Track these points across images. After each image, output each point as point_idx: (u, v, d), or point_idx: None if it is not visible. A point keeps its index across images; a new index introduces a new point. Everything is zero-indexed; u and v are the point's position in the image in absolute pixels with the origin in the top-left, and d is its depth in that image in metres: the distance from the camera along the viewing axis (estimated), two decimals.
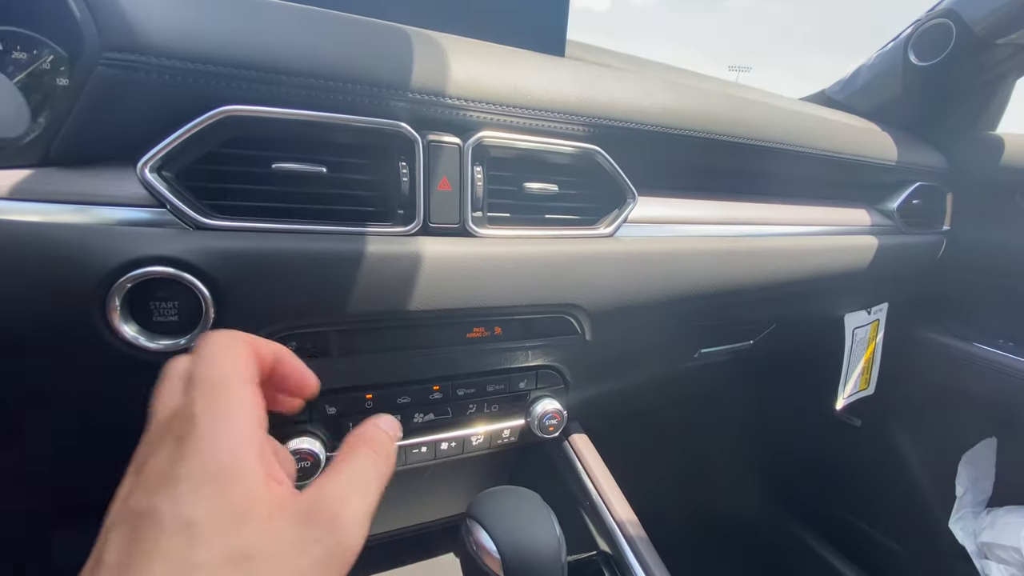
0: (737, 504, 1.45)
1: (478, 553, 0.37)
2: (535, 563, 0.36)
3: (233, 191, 0.46)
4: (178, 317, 0.43)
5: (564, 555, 0.38)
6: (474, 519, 0.38)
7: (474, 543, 0.37)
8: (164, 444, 0.25)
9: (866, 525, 1.27)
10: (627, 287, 0.62)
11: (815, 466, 1.37)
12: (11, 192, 0.42)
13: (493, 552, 0.36)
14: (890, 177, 0.97)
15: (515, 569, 0.35)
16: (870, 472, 1.24)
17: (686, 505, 1.33)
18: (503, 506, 0.38)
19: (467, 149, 0.51)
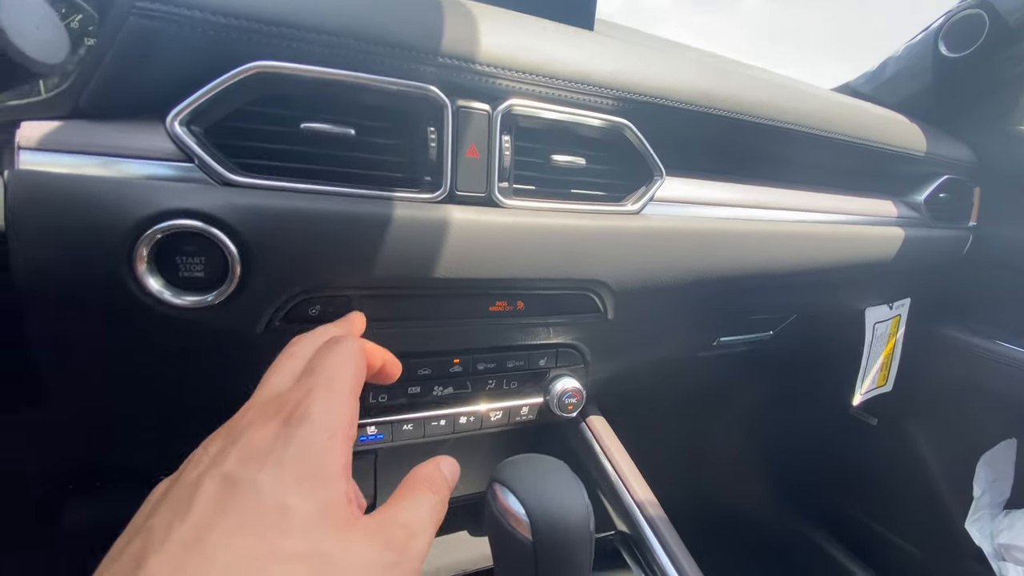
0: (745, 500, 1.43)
1: (504, 517, 0.36)
2: (563, 528, 0.35)
3: (260, 150, 0.46)
4: (204, 273, 0.42)
5: (592, 522, 0.37)
6: (501, 483, 0.37)
7: (501, 507, 0.36)
8: (270, 421, 0.27)
9: (878, 525, 1.25)
10: (652, 265, 0.60)
11: (828, 464, 1.35)
12: (40, 143, 0.42)
13: (521, 515, 0.35)
14: (918, 169, 0.95)
15: (544, 533, 0.34)
16: (884, 471, 1.23)
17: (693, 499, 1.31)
18: (530, 471, 0.38)
19: (496, 117, 0.50)
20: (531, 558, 0.35)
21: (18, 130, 0.42)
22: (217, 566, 0.20)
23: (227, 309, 0.44)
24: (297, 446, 0.25)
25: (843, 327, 1.03)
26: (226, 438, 0.27)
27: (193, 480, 0.24)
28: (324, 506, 0.24)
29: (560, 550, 0.35)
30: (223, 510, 0.22)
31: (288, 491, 0.24)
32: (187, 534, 0.21)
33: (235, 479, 0.24)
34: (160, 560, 0.21)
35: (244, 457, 0.25)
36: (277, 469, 0.24)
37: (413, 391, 0.57)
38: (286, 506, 0.23)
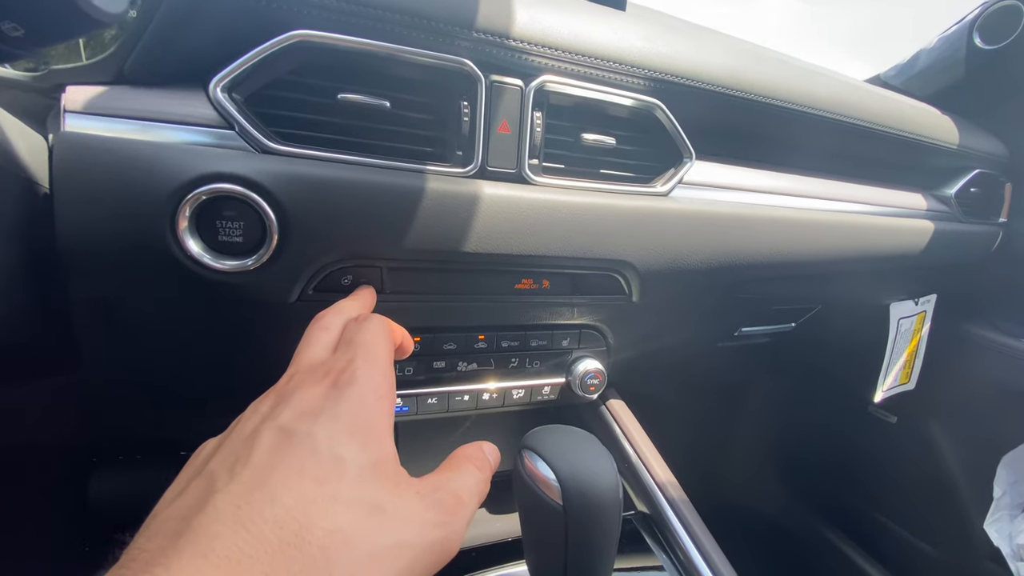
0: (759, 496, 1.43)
1: (535, 482, 0.36)
2: (594, 494, 0.35)
3: (298, 120, 0.46)
4: (242, 238, 0.43)
5: (621, 490, 0.37)
6: (531, 450, 0.37)
7: (531, 473, 0.37)
8: (317, 383, 0.28)
9: (894, 523, 1.24)
10: (680, 248, 0.60)
11: (844, 461, 1.33)
12: (85, 107, 0.43)
13: (552, 481, 0.35)
14: (949, 162, 0.94)
15: (574, 498, 0.35)
16: (902, 470, 1.21)
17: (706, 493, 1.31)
18: (559, 439, 0.38)
19: (529, 92, 0.51)
20: (561, 524, 0.35)
21: (63, 94, 0.43)
22: (280, 505, 0.22)
23: (263, 275, 0.45)
24: (348, 404, 0.27)
25: (866, 322, 1.02)
26: (276, 399, 0.28)
27: (250, 432, 0.26)
28: (376, 461, 0.25)
29: (591, 516, 0.35)
30: (282, 457, 0.24)
31: (342, 443, 0.25)
32: (250, 477, 0.23)
33: (291, 431, 0.25)
34: (226, 498, 0.22)
35: (298, 413, 0.26)
36: (331, 423, 0.25)
37: (438, 365, 0.58)
38: (341, 457, 0.24)
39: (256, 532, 0.21)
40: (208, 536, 0.20)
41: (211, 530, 0.20)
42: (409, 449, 0.66)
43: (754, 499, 1.43)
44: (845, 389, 1.22)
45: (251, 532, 0.21)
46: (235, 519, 0.21)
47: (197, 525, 0.21)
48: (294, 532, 0.21)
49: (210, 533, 0.20)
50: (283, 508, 0.22)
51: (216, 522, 0.21)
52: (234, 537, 0.20)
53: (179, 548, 0.20)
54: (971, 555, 1.08)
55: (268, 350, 0.53)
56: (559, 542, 0.36)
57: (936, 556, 1.15)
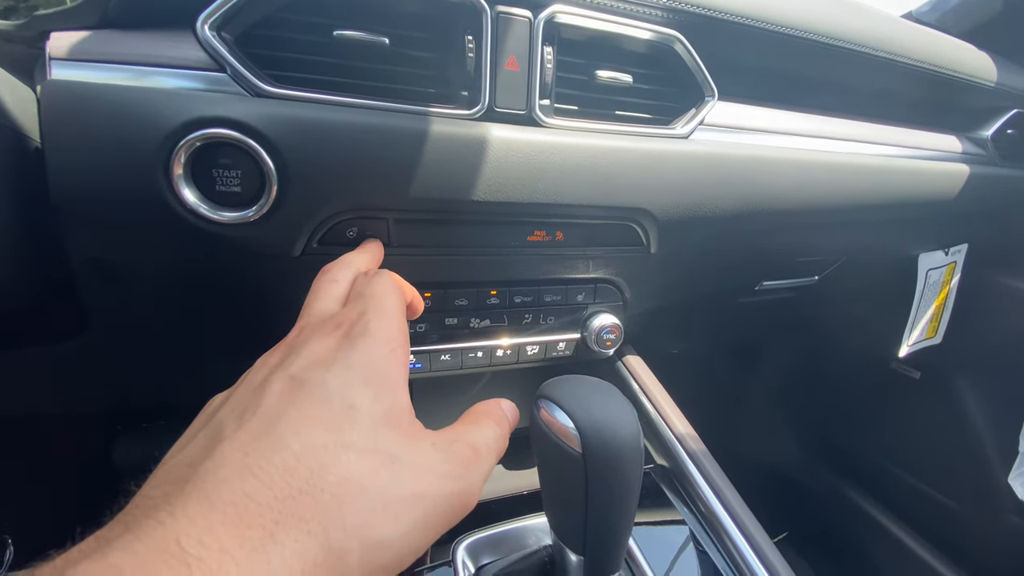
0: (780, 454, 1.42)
1: (552, 431, 0.35)
2: (613, 441, 0.34)
3: (293, 61, 0.44)
4: (240, 188, 0.41)
5: (642, 439, 0.36)
6: (547, 399, 0.36)
7: (548, 422, 0.35)
8: (329, 335, 0.27)
9: (915, 479, 1.22)
10: (700, 194, 0.57)
11: (864, 418, 1.32)
12: (70, 53, 0.40)
13: (571, 429, 0.34)
14: (986, 101, 0.88)
15: (593, 446, 0.33)
16: (925, 425, 1.19)
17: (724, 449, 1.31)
18: (576, 387, 0.36)
19: (538, 24, 0.47)
20: (581, 473, 0.34)
21: (48, 41, 0.41)
22: (290, 451, 0.21)
23: (265, 228, 0.43)
24: (361, 354, 0.26)
25: (892, 274, 0.98)
26: (286, 350, 0.27)
27: (259, 382, 0.25)
28: (390, 409, 0.24)
29: (611, 464, 0.34)
30: (292, 403, 0.23)
31: (355, 392, 0.24)
32: (258, 424, 0.22)
33: (303, 379, 0.24)
34: (233, 445, 0.21)
35: (309, 362, 0.25)
36: (344, 371, 0.25)
37: (450, 322, 0.56)
38: (354, 404, 0.23)
39: (264, 478, 0.20)
40: (215, 482, 0.19)
41: (218, 476, 0.20)
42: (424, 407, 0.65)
43: (773, 455, 1.42)
44: (867, 344, 1.19)
45: (259, 478, 0.20)
46: (243, 465, 0.20)
47: (204, 471, 0.20)
48: (304, 479, 0.20)
49: (217, 479, 0.20)
50: (292, 454, 0.21)
51: (223, 468, 0.20)
52: (241, 483, 0.19)
53: (184, 494, 0.19)
54: (995, 509, 1.07)
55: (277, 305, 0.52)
56: (579, 492, 0.35)
57: (958, 510, 1.14)
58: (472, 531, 0.53)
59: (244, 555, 0.18)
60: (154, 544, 0.17)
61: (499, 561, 0.50)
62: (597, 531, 0.37)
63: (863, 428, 1.33)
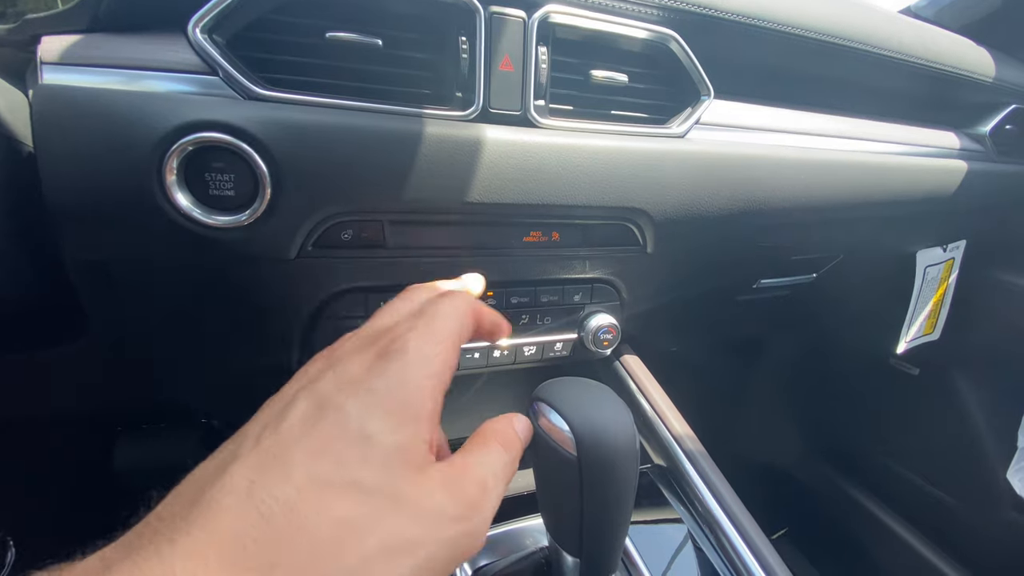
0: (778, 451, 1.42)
1: (547, 434, 0.35)
2: (609, 444, 0.34)
3: (285, 64, 0.43)
4: (234, 192, 0.41)
5: (638, 440, 0.36)
6: (542, 401, 0.36)
7: (543, 424, 0.35)
8: (366, 352, 0.26)
9: (915, 475, 1.23)
10: (696, 193, 0.57)
11: (863, 415, 1.32)
12: (61, 57, 0.40)
13: (565, 431, 0.34)
14: (984, 97, 0.87)
15: (589, 449, 0.33)
16: (924, 421, 1.19)
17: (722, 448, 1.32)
18: (571, 389, 0.36)
19: (532, 24, 0.47)
20: (576, 475, 0.34)
21: (39, 46, 0.40)
22: (293, 485, 0.21)
23: (260, 231, 0.43)
24: (389, 379, 0.25)
25: (890, 271, 0.98)
26: (326, 361, 0.27)
27: (290, 395, 0.25)
28: (405, 443, 0.24)
29: (606, 466, 0.34)
30: (311, 429, 0.23)
31: (373, 420, 0.23)
32: (273, 446, 0.22)
33: (326, 401, 0.24)
34: (243, 466, 0.21)
35: (339, 381, 0.25)
36: (367, 397, 0.24)
37: None
38: (368, 436, 0.23)
39: (266, 512, 0.20)
40: (218, 509, 0.20)
41: (222, 504, 0.20)
42: None
43: (772, 453, 1.42)
44: (866, 341, 1.19)
45: (260, 512, 0.20)
46: (247, 495, 0.20)
47: (209, 497, 0.20)
48: (304, 516, 0.20)
49: (220, 507, 0.20)
50: (295, 489, 0.21)
51: (228, 495, 0.20)
52: (241, 515, 0.20)
53: (188, 521, 0.19)
54: (994, 505, 1.07)
55: (274, 307, 0.52)
56: (574, 496, 0.35)
57: (957, 506, 1.14)
58: None
59: None
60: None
61: (496, 563, 0.51)
62: (593, 534, 0.37)
63: (862, 424, 1.33)
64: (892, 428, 1.27)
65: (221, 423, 0.86)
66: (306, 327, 0.53)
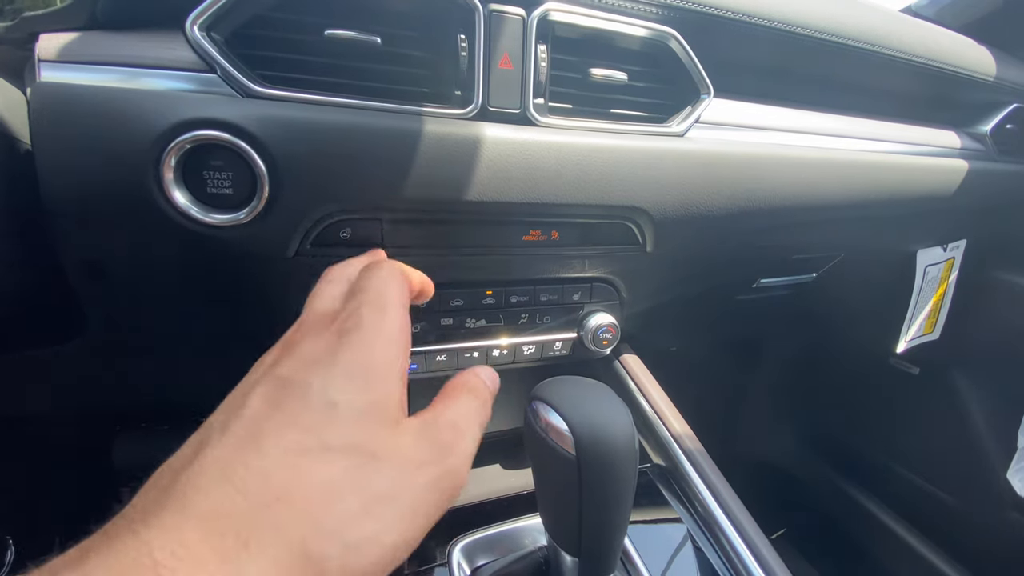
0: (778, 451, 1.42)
1: (547, 433, 0.35)
2: (608, 443, 0.33)
3: (284, 62, 0.43)
4: (232, 190, 0.41)
5: (637, 440, 0.35)
6: (541, 400, 0.36)
7: (542, 423, 0.35)
8: (322, 335, 0.27)
9: (914, 475, 1.22)
10: (696, 192, 0.57)
11: (863, 415, 1.32)
12: (59, 55, 0.40)
13: (564, 430, 0.34)
14: (985, 96, 0.87)
15: (587, 447, 0.33)
16: (924, 421, 1.19)
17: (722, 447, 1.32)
18: (570, 388, 0.36)
19: (531, 22, 0.47)
20: (575, 474, 0.34)
21: (37, 43, 0.40)
22: (268, 458, 0.21)
23: (258, 229, 0.43)
24: (349, 350, 0.25)
25: (890, 270, 0.98)
26: (281, 350, 0.28)
27: (250, 383, 0.25)
28: (372, 403, 0.24)
29: (605, 465, 0.34)
30: (276, 407, 0.23)
31: (337, 388, 0.24)
32: (242, 429, 0.22)
33: (289, 380, 0.24)
34: (215, 454, 0.21)
35: (298, 363, 0.25)
36: (328, 369, 0.24)
37: (446, 322, 0.56)
38: (334, 402, 0.23)
39: (240, 486, 0.20)
40: (193, 489, 0.20)
41: (196, 484, 0.20)
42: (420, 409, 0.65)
43: (772, 452, 1.42)
44: (865, 341, 1.19)
45: (235, 486, 0.20)
46: (221, 474, 0.20)
47: (183, 480, 0.20)
48: (280, 486, 0.20)
49: (194, 487, 0.20)
50: (271, 461, 0.21)
51: (201, 476, 0.20)
52: (218, 491, 0.20)
53: (161, 503, 0.19)
54: (994, 505, 1.07)
55: (271, 307, 0.52)
56: (573, 495, 0.35)
57: (957, 506, 1.14)
58: (468, 532, 0.53)
59: (217, 566, 0.18)
60: (128, 555, 0.17)
61: (495, 562, 0.50)
62: (592, 533, 0.37)
63: (862, 424, 1.33)
64: (892, 428, 1.27)
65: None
66: None
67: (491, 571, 0.49)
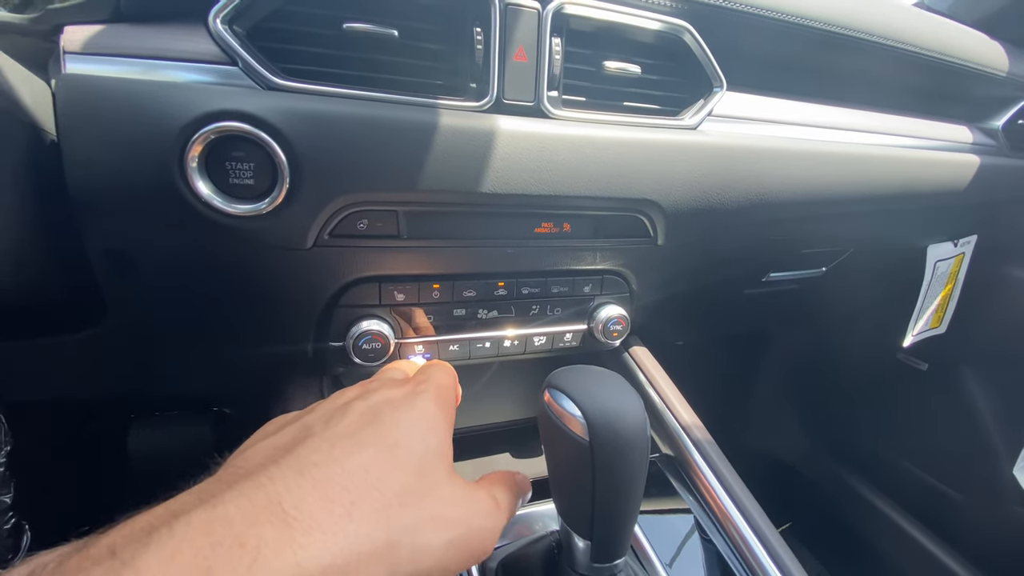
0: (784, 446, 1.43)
1: (560, 419, 0.35)
2: (620, 429, 0.34)
3: (303, 55, 0.44)
4: (254, 181, 0.42)
5: (648, 426, 0.36)
6: (555, 388, 0.36)
7: (555, 410, 0.36)
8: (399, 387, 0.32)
9: (920, 470, 1.23)
10: (708, 185, 0.57)
11: (870, 410, 1.32)
12: (84, 47, 0.41)
13: (578, 417, 0.34)
14: (997, 91, 0.87)
15: (600, 434, 0.34)
16: (930, 416, 1.19)
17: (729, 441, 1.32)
18: (584, 377, 0.37)
19: (546, 15, 0.47)
20: (588, 459, 0.35)
21: (62, 35, 0.41)
22: (367, 455, 0.26)
23: (278, 220, 0.44)
24: (422, 402, 0.31)
25: (899, 265, 0.98)
26: (361, 390, 0.33)
27: (342, 403, 0.30)
28: (440, 448, 0.29)
29: (617, 450, 0.34)
30: (369, 424, 0.28)
31: (416, 429, 0.29)
32: (343, 429, 0.27)
33: (377, 411, 0.29)
34: (322, 439, 0.26)
35: (383, 400, 0.30)
36: (409, 411, 0.30)
37: (458, 313, 0.57)
38: (413, 438, 0.28)
39: (348, 467, 0.24)
40: (307, 463, 0.24)
41: (310, 459, 0.24)
42: None
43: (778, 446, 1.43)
44: (874, 336, 1.19)
45: (343, 466, 0.24)
46: (330, 455, 0.25)
47: (297, 453, 0.25)
48: (376, 477, 0.25)
49: (309, 461, 0.24)
50: (368, 456, 0.26)
51: (314, 453, 0.25)
52: (329, 467, 0.24)
53: (281, 466, 0.24)
54: (1000, 501, 1.07)
55: (290, 297, 0.53)
56: (586, 479, 0.36)
57: (963, 502, 1.14)
58: None
59: (329, 523, 0.22)
60: (259, 502, 0.21)
61: (507, 546, 0.51)
62: (604, 517, 0.37)
63: (868, 419, 1.33)
64: (899, 423, 1.27)
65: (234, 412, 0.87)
66: (321, 315, 0.53)
67: (504, 554, 0.50)
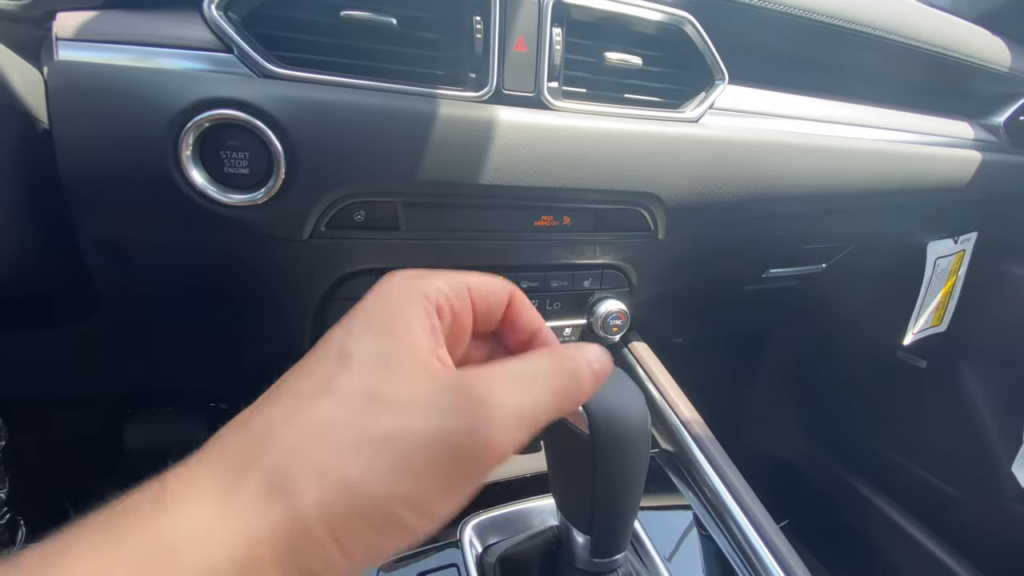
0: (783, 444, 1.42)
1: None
2: (621, 422, 0.34)
3: (300, 42, 0.43)
4: (248, 170, 0.41)
5: (649, 421, 0.36)
6: None
7: None
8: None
9: (919, 468, 1.23)
10: (709, 179, 0.57)
11: (869, 407, 1.32)
12: (77, 34, 0.40)
13: (580, 411, 0.34)
14: (999, 87, 0.86)
15: (601, 427, 0.33)
16: (929, 414, 1.19)
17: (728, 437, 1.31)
18: None
19: (547, 5, 0.46)
20: (589, 453, 0.34)
21: (54, 22, 0.40)
22: (278, 406, 0.22)
23: (274, 210, 0.43)
24: (374, 303, 0.25)
25: (899, 262, 0.98)
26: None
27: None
28: (389, 352, 0.23)
29: (618, 445, 0.34)
30: (300, 366, 0.24)
31: (353, 339, 0.23)
32: (273, 387, 0.24)
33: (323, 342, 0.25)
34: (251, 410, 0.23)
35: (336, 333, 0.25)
36: (349, 324, 0.25)
37: None
38: (350, 352, 0.23)
39: (250, 428, 0.22)
40: (217, 439, 0.22)
41: (222, 433, 0.22)
42: None
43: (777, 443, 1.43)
44: (873, 334, 1.19)
45: (246, 428, 0.22)
46: (241, 421, 0.22)
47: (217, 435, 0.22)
48: (278, 425, 0.21)
49: (220, 435, 0.22)
50: (280, 407, 0.22)
51: (228, 427, 0.22)
52: (231, 436, 0.22)
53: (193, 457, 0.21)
54: (998, 498, 1.07)
55: (285, 288, 0.52)
56: (587, 473, 0.35)
57: (961, 499, 1.14)
58: (479, 511, 0.54)
59: (214, 495, 0.19)
60: (146, 489, 0.20)
61: (506, 541, 0.51)
62: (604, 511, 0.37)
63: (867, 417, 1.33)
64: (898, 421, 1.27)
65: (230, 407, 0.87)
66: (317, 308, 0.53)
67: (503, 549, 0.49)
